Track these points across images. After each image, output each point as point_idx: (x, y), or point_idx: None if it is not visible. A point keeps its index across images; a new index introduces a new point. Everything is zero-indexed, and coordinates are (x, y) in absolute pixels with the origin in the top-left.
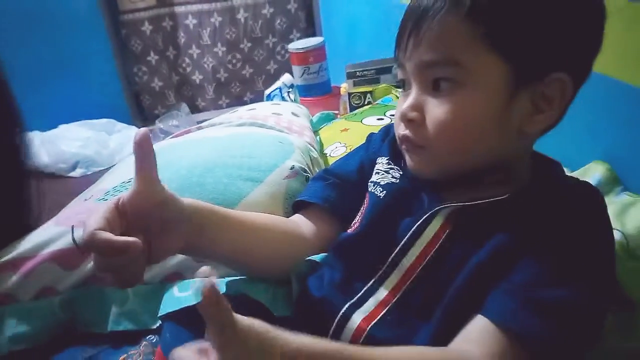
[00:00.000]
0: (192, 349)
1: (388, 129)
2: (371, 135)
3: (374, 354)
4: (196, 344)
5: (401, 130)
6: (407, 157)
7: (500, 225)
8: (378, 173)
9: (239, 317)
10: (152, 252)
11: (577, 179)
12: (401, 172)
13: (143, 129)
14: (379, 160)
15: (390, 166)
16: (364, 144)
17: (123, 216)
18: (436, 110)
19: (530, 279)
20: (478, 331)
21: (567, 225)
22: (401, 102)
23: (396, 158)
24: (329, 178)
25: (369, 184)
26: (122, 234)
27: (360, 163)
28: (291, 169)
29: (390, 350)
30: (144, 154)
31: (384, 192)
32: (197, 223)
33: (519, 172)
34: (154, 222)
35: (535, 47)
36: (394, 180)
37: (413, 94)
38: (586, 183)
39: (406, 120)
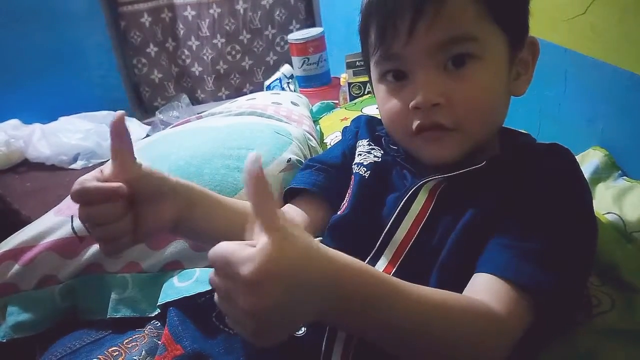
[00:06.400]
0: (236, 242)
1: (359, 119)
2: (345, 128)
3: (413, 289)
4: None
5: (421, 119)
6: (428, 148)
7: (481, 189)
8: (360, 155)
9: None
10: (140, 223)
11: (546, 143)
12: (382, 152)
13: (119, 112)
14: (360, 143)
15: (371, 147)
16: (341, 139)
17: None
18: (463, 87)
19: (519, 232)
20: (481, 285)
21: (544, 181)
22: (395, 93)
23: (375, 139)
24: (314, 165)
25: (353, 165)
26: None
27: (342, 150)
28: (288, 161)
29: (422, 288)
30: (119, 134)
31: (368, 171)
32: (188, 198)
33: (492, 142)
34: (137, 194)
35: (521, 15)
36: (376, 159)
37: (424, 79)
38: (556, 144)
39: (430, 106)
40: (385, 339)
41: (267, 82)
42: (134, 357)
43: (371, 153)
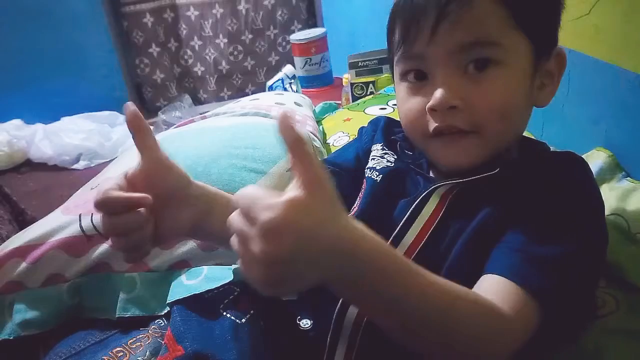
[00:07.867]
0: (266, 189)
1: (377, 121)
2: (362, 128)
3: (426, 274)
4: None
5: (438, 121)
6: (445, 151)
7: (493, 195)
8: (374, 159)
9: None
10: (160, 228)
11: (561, 151)
12: (396, 157)
13: (129, 105)
14: (374, 147)
15: (385, 152)
16: (356, 138)
17: (133, 188)
18: (483, 91)
19: (529, 237)
20: (489, 286)
21: (555, 188)
22: (414, 93)
23: (390, 144)
24: (328, 167)
25: (366, 170)
26: None
27: (356, 152)
28: None
29: (434, 275)
30: (139, 128)
31: (380, 176)
32: (206, 203)
33: (510, 150)
34: (161, 197)
35: (550, 25)
36: (389, 164)
37: (443, 80)
38: (569, 152)
39: (447, 108)
40: (390, 319)
41: (269, 83)
42: (138, 358)
43: (384, 158)
